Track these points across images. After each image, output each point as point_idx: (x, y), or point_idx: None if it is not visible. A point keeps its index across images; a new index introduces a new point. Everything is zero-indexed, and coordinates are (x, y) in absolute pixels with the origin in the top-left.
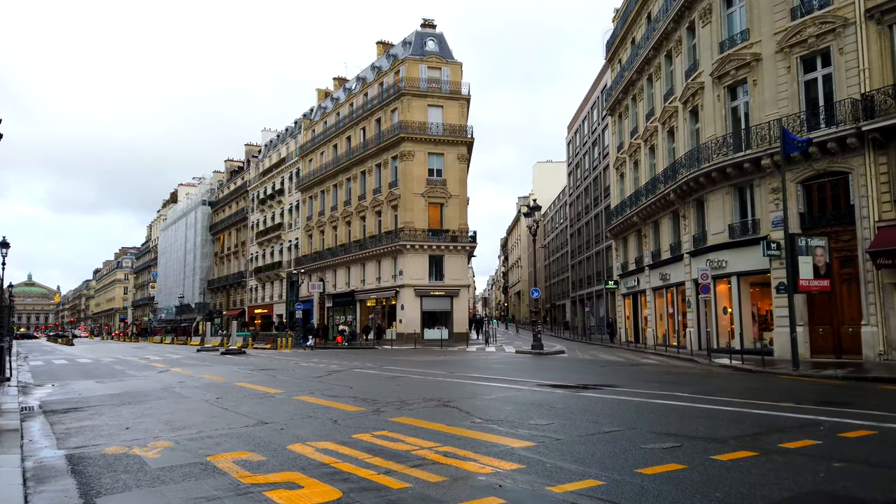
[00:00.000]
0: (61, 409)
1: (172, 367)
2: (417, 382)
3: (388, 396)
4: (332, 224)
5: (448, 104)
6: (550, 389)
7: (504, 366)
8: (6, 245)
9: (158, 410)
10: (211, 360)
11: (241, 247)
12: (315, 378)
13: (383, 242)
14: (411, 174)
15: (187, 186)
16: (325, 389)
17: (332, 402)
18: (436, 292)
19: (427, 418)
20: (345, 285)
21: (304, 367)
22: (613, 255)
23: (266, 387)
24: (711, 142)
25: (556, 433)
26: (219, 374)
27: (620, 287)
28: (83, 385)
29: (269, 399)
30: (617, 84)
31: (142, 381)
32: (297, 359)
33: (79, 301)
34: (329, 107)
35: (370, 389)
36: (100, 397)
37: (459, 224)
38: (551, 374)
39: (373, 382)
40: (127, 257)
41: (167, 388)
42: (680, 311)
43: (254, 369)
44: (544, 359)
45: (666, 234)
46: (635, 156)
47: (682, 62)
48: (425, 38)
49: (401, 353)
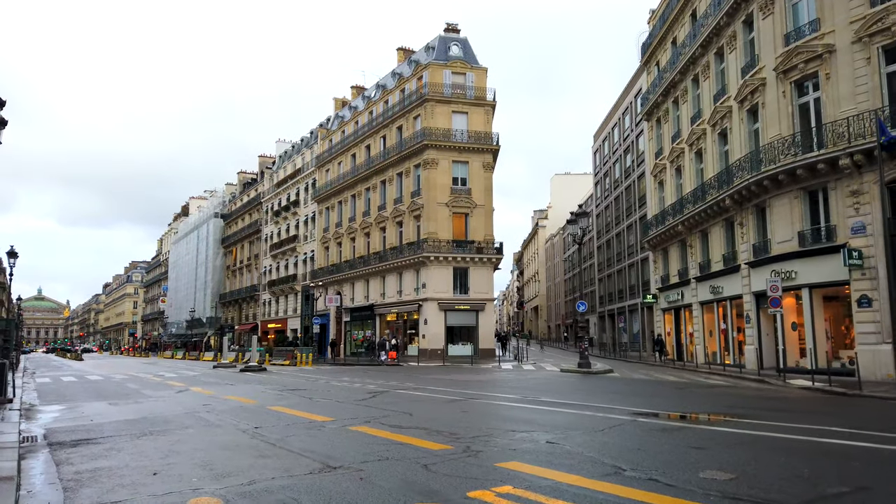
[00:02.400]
0: (70, 442)
1: (191, 386)
2: (484, 408)
3: (465, 428)
4: (349, 235)
5: (473, 110)
6: (662, 421)
7: (563, 387)
8: (14, 255)
9: (189, 444)
10: (231, 378)
11: (254, 260)
12: (359, 401)
13: (405, 254)
14: (435, 183)
15: (199, 199)
16: (381, 417)
17: (401, 435)
18: (460, 306)
19: (550, 465)
20: (363, 299)
21: (337, 386)
22: (651, 268)
23: (307, 412)
24: (777, 142)
25: (756, 495)
26: (246, 395)
27: (660, 301)
28: (94, 408)
29: (320, 430)
30: (655, 87)
31: (160, 404)
32: (324, 376)
33: (88, 315)
34: (347, 115)
35: (435, 417)
36: (115, 425)
37: (485, 235)
38: (633, 398)
39: (430, 407)
40: (137, 271)
41: (191, 413)
42: (735, 327)
43: (283, 389)
44: (599, 379)
45: (717, 243)
46: (678, 161)
47: (738, 58)
48: (449, 43)
49: (431, 370)
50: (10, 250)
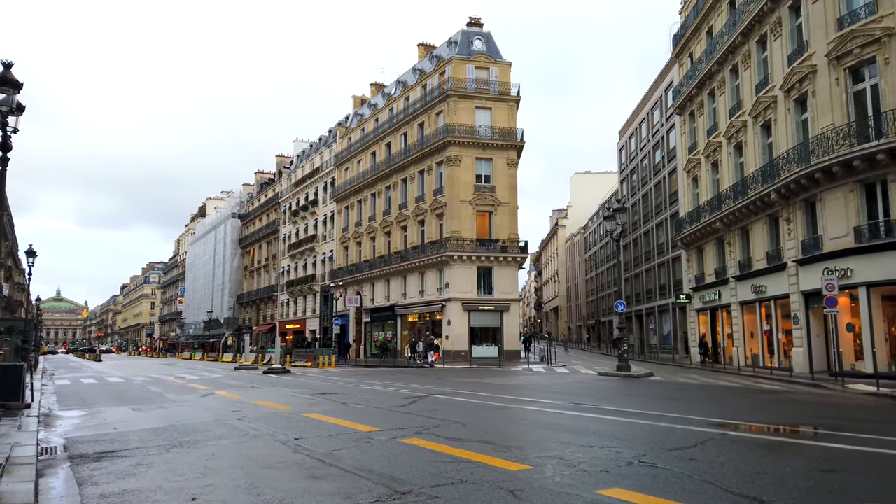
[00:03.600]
0: (93, 455)
1: (216, 390)
2: (539, 417)
3: (532, 442)
4: (369, 235)
5: (497, 106)
6: (755, 435)
7: (610, 392)
8: (33, 254)
9: (226, 460)
10: (256, 381)
11: (271, 260)
12: (399, 408)
13: (427, 253)
14: (458, 180)
15: (216, 200)
16: (431, 427)
17: (463, 450)
18: (485, 307)
19: (665, 494)
20: (384, 299)
21: (369, 390)
22: (684, 267)
23: (348, 420)
24: (829, 132)
25: None
26: (275, 400)
27: (694, 301)
28: (117, 413)
29: (369, 443)
30: (689, 80)
31: (186, 410)
32: (351, 379)
33: (106, 316)
34: (366, 113)
35: (492, 428)
36: (140, 434)
37: (509, 233)
38: (696, 406)
39: (481, 415)
40: (154, 272)
41: (222, 421)
42: (779, 329)
43: (313, 393)
44: (643, 383)
45: (760, 240)
46: (714, 156)
47: (783, 46)
48: (472, 38)
49: (459, 373)
50: (29, 249)
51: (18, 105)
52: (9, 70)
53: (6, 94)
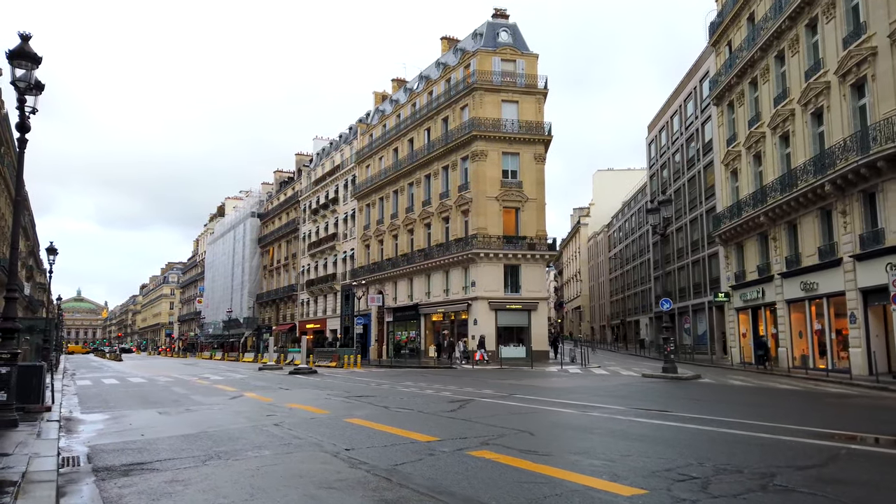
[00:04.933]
0: (120, 468)
1: (244, 391)
2: (614, 424)
3: (625, 456)
4: (391, 232)
5: (524, 99)
6: (882, 449)
7: (670, 397)
8: (54, 251)
9: (274, 477)
10: (283, 382)
11: (291, 259)
12: (448, 413)
13: (452, 251)
14: (484, 176)
15: (234, 200)
16: (496, 436)
17: (548, 466)
18: (512, 306)
19: None
20: (407, 298)
21: (406, 393)
22: (722, 264)
23: (397, 427)
24: (894, 117)
25: None
26: (309, 403)
27: (733, 300)
28: (143, 417)
29: (433, 455)
30: (728, 69)
31: (217, 413)
32: (384, 381)
33: (125, 316)
34: (388, 109)
35: (564, 438)
36: (171, 442)
37: (537, 230)
38: (773, 412)
39: (542, 421)
40: (173, 272)
41: (258, 427)
42: (833, 328)
43: (348, 396)
44: (697, 386)
45: (810, 235)
46: (757, 147)
47: (837, 28)
48: (498, 29)
49: (491, 374)
50: (50, 247)
51: (37, 83)
52: (27, 42)
53: (24, 70)
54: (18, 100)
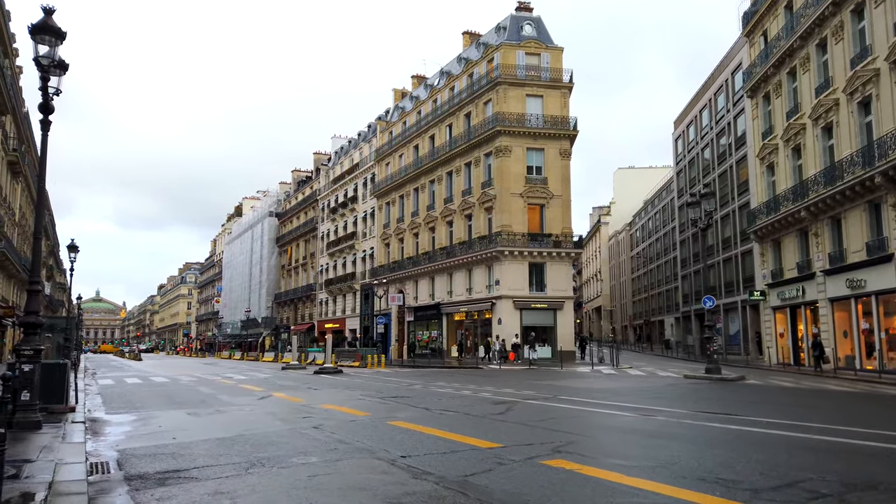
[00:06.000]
0: (155, 476)
1: (272, 392)
2: (679, 430)
3: (724, 467)
4: (412, 231)
5: (548, 93)
6: None
7: (723, 400)
8: (75, 249)
9: (332, 491)
10: (310, 382)
11: (309, 258)
12: (498, 416)
13: (475, 249)
14: (508, 172)
15: (252, 199)
16: (563, 443)
17: (644, 480)
18: (537, 305)
19: None
20: (428, 297)
21: (443, 393)
22: (757, 261)
23: (448, 431)
24: None
25: None
26: (343, 404)
27: (769, 299)
28: (172, 418)
29: (502, 464)
30: (763, 59)
31: (249, 415)
32: (415, 381)
33: (143, 316)
34: (408, 106)
35: (636, 445)
36: (206, 446)
37: (563, 228)
38: (872, 420)
39: (602, 424)
40: (191, 272)
41: (297, 430)
42: (882, 327)
43: (383, 397)
44: (749, 388)
45: (857, 230)
46: (796, 140)
47: (887, 13)
48: (521, 23)
49: (521, 374)
50: (71, 244)
51: (61, 62)
52: (50, 17)
53: (48, 46)
54: (41, 78)
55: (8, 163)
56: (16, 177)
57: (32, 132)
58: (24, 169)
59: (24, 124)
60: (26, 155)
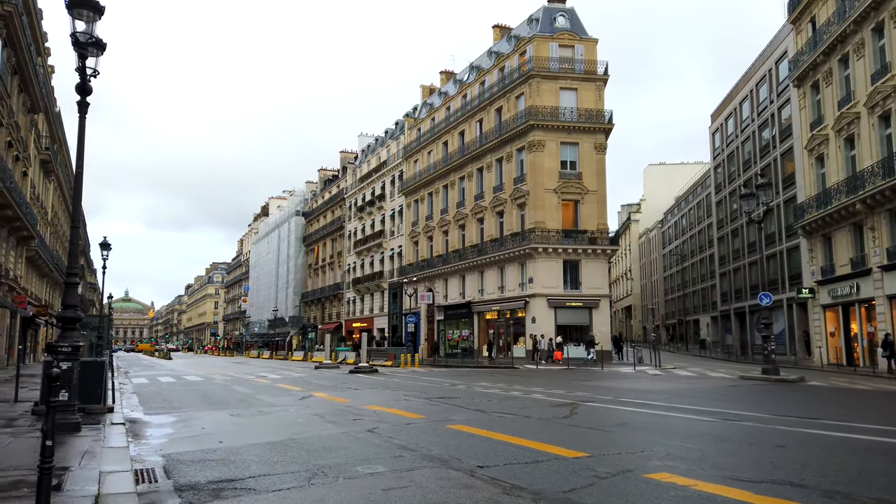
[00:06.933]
0: (207, 486)
1: (312, 391)
2: (782, 437)
3: (867, 484)
4: (441, 228)
5: (583, 86)
6: None
7: (806, 402)
8: (107, 247)
9: None
10: (348, 381)
11: (336, 257)
12: (565, 420)
13: (507, 246)
14: (541, 167)
15: (278, 199)
16: (661, 455)
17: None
18: (572, 303)
19: None
20: (458, 296)
21: (490, 394)
22: (805, 258)
23: (516, 436)
24: None
25: None
26: (391, 405)
27: (819, 296)
28: (214, 420)
29: (602, 478)
30: (812, 47)
31: (295, 417)
32: (454, 381)
33: (171, 316)
34: (436, 102)
35: (744, 456)
36: (257, 451)
37: (598, 224)
38: None
39: (690, 429)
40: (217, 272)
41: (351, 434)
42: None
43: (428, 397)
44: (817, 391)
45: None
46: (849, 129)
47: None
48: (555, 14)
49: (561, 374)
50: (103, 242)
51: (98, 40)
52: None
53: (85, 21)
54: (79, 56)
55: (41, 161)
56: (48, 176)
57: (64, 132)
58: (56, 168)
59: (56, 124)
60: (58, 154)
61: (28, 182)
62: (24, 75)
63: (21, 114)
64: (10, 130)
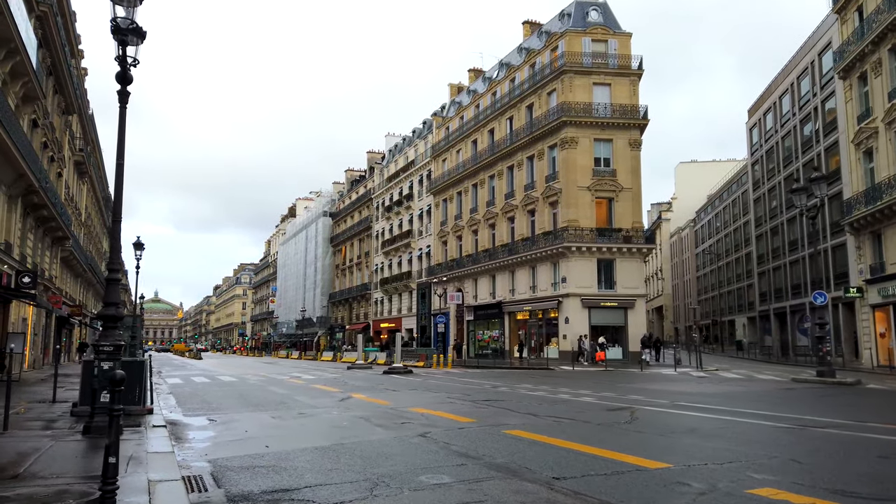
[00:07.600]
0: (261, 495)
1: (351, 393)
2: (885, 448)
3: None
4: (471, 228)
5: (616, 81)
6: None
7: (874, 408)
8: (140, 246)
9: None
10: (385, 382)
11: (364, 258)
12: (629, 426)
13: (539, 245)
14: (574, 164)
15: (305, 200)
16: (753, 467)
17: None
18: (607, 303)
19: None
20: (488, 296)
21: (532, 396)
22: (852, 256)
23: (583, 443)
24: None
25: None
26: (437, 408)
27: (868, 295)
28: (256, 422)
29: (702, 494)
30: (859, 37)
31: (339, 419)
32: (494, 382)
33: (200, 316)
34: (465, 101)
35: (855, 471)
36: (307, 457)
37: (633, 222)
38: None
39: (778, 440)
40: (245, 273)
41: (403, 439)
42: None
43: (473, 400)
44: (881, 394)
45: None
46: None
47: None
48: (587, 8)
49: (600, 376)
50: (137, 241)
51: (138, 28)
52: None
53: (125, 6)
54: (119, 42)
55: (75, 163)
56: (82, 177)
57: (97, 134)
58: (89, 169)
59: (89, 126)
60: (91, 156)
61: (63, 183)
62: (59, 76)
63: (56, 115)
64: (46, 131)
